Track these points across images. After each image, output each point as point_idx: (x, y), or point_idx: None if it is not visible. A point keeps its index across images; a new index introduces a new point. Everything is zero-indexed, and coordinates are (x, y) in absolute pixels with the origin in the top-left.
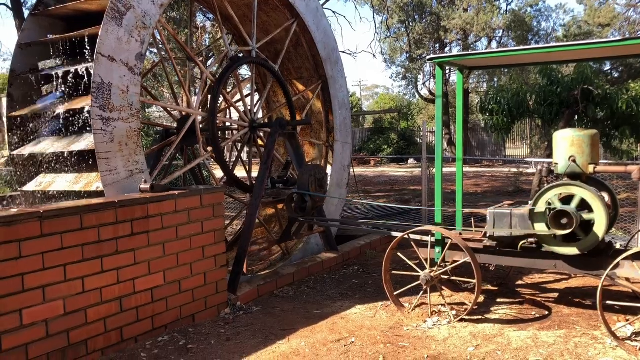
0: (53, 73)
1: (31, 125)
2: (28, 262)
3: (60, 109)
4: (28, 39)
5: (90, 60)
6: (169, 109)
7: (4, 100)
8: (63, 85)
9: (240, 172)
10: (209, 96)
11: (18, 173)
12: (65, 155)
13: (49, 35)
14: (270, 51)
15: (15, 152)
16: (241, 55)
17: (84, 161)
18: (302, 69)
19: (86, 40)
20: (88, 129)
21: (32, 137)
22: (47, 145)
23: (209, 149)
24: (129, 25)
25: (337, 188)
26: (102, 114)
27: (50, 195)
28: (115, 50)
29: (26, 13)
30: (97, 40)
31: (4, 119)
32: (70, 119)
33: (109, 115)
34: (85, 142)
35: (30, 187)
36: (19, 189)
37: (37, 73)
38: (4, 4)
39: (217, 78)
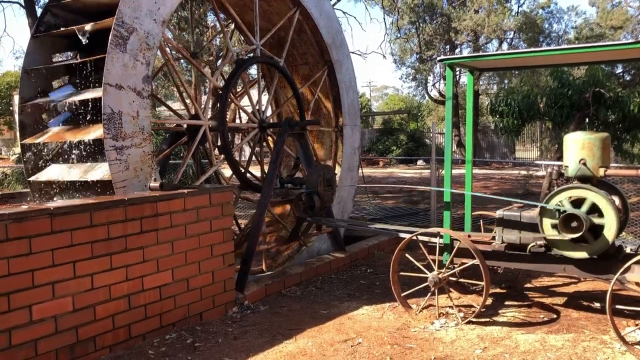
0: (66, 101)
1: (45, 150)
2: (38, 258)
3: (72, 138)
4: (33, 63)
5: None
6: (179, 122)
7: (16, 98)
8: (75, 112)
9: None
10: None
11: (36, 196)
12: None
13: (54, 58)
14: (273, 38)
15: (31, 178)
16: (247, 56)
17: (102, 189)
18: (306, 54)
19: (91, 67)
20: (102, 156)
21: (46, 164)
22: (63, 172)
23: (221, 156)
24: (133, 49)
25: (349, 172)
26: (115, 143)
27: None
28: (122, 77)
29: (39, 11)
30: (104, 71)
31: (16, 116)
32: (83, 147)
33: (122, 144)
34: (100, 172)
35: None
36: None
37: (47, 99)
38: (17, 2)
39: (224, 85)
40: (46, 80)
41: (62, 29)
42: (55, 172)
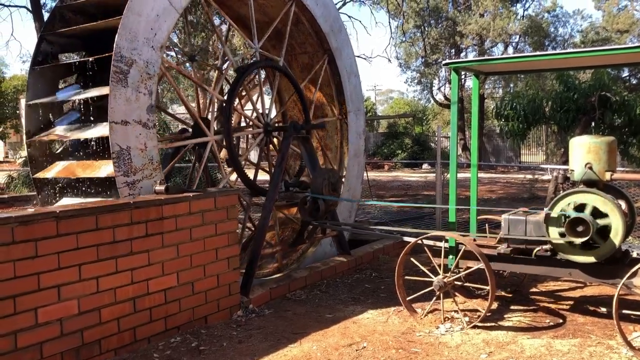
0: (73, 138)
1: (57, 186)
2: (44, 261)
3: (82, 174)
4: (35, 96)
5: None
6: (186, 142)
7: (23, 101)
8: (80, 151)
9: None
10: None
11: None
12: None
13: (57, 94)
14: (271, 31)
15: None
16: (248, 61)
17: None
18: (305, 44)
19: (92, 103)
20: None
21: (57, 199)
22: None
23: (230, 169)
24: (134, 82)
25: (355, 158)
26: (126, 179)
27: None
28: (127, 112)
29: (46, 15)
30: (108, 109)
31: (23, 120)
32: (94, 182)
33: (133, 179)
34: None
35: None
36: None
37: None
38: (24, 6)
39: (227, 97)
40: (51, 112)
41: (61, 60)
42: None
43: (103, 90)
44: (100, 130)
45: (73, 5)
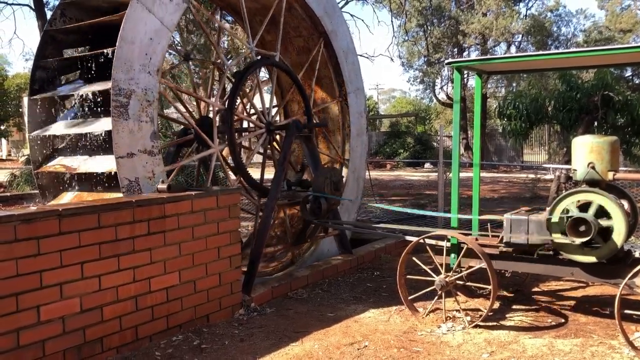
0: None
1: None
2: (46, 259)
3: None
4: (37, 127)
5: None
6: (193, 159)
7: (25, 100)
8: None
9: (256, 174)
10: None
11: None
12: None
13: (57, 128)
14: (264, 16)
15: None
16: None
17: None
18: (299, 27)
19: (98, 136)
20: None
21: None
22: None
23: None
24: (135, 112)
25: (358, 137)
26: None
27: None
28: (131, 144)
29: (49, 14)
30: (113, 145)
31: (25, 118)
32: None
33: None
34: None
35: None
36: None
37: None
38: (27, 5)
39: (227, 105)
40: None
41: (60, 92)
42: None
43: (105, 85)
44: (103, 124)
45: (66, 29)
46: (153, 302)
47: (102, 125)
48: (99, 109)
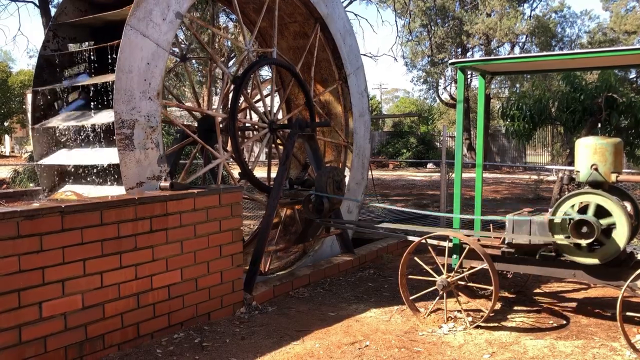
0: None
1: None
2: (49, 255)
3: None
4: (42, 154)
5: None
6: (203, 171)
7: (29, 96)
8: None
9: (260, 173)
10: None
11: None
12: None
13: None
14: (256, 4)
15: None
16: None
17: None
18: (294, 14)
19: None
20: None
21: None
22: None
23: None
24: (140, 141)
25: (360, 118)
26: None
27: None
28: (140, 174)
29: (53, 11)
30: (122, 178)
31: (29, 115)
32: None
33: None
34: None
35: None
36: None
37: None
38: (32, 2)
39: (230, 114)
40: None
41: (60, 125)
42: None
43: (108, 78)
44: (109, 156)
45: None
46: (155, 300)
47: (108, 157)
48: (102, 141)
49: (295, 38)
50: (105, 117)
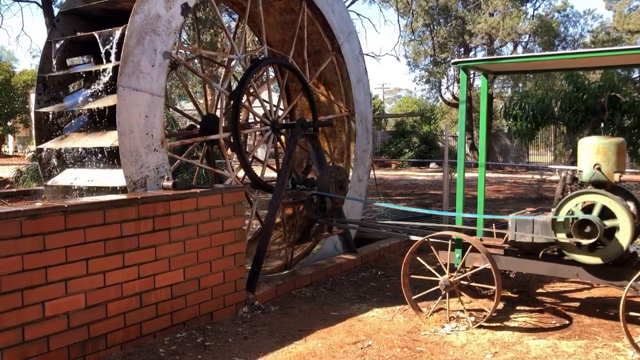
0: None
1: None
2: (52, 255)
3: None
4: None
5: None
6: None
7: (32, 96)
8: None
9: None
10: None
11: None
12: None
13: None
14: None
15: None
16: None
17: None
18: None
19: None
20: None
21: None
22: None
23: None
24: (152, 178)
25: (359, 84)
26: None
27: None
28: None
29: (56, 11)
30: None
31: (32, 114)
32: None
33: None
34: None
35: None
36: None
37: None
38: (35, 2)
39: (232, 123)
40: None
41: (60, 149)
42: None
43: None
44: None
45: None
46: (157, 299)
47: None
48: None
49: (282, 14)
50: (108, 140)
